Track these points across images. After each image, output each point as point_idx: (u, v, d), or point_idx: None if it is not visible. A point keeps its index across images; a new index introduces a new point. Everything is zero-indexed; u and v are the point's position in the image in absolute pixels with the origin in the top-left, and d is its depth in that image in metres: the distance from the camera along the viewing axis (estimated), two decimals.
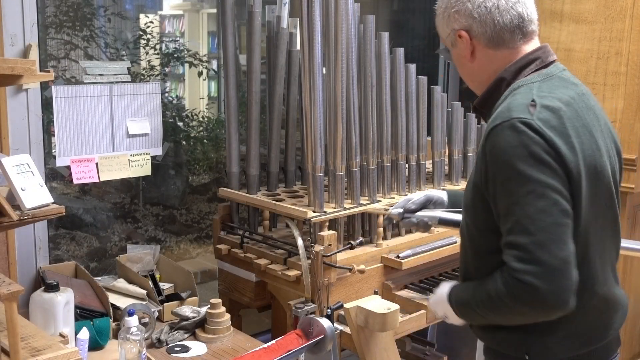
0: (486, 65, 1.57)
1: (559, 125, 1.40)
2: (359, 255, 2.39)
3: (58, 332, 1.96)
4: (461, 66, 1.63)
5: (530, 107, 1.41)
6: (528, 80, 1.51)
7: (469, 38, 1.55)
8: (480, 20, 1.52)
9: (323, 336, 1.84)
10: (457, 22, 1.55)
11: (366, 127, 2.47)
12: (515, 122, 1.38)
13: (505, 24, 1.51)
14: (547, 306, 1.36)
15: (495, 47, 1.54)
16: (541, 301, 1.35)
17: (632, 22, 2.80)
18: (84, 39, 3.04)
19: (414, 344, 2.82)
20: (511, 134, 1.38)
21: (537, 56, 1.54)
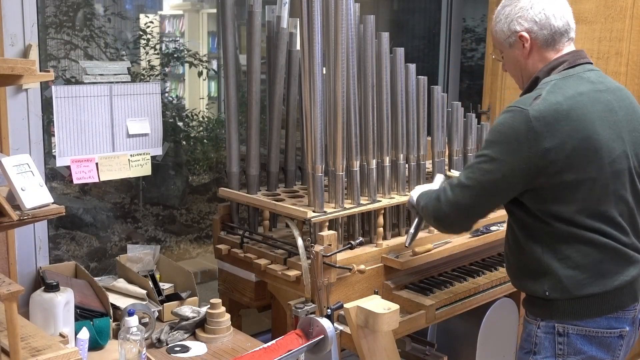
0: (537, 63, 1.90)
1: (551, 114, 1.73)
2: (359, 255, 2.39)
3: (58, 332, 1.96)
4: (516, 64, 1.95)
5: (534, 100, 1.75)
6: (550, 79, 1.83)
7: (529, 39, 1.88)
8: (540, 24, 1.86)
9: (323, 336, 1.84)
10: (520, 25, 1.88)
11: (366, 127, 2.47)
12: (513, 108, 1.77)
13: (558, 28, 1.87)
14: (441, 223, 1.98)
15: (547, 47, 1.89)
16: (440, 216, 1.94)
17: (632, 22, 2.80)
18: (84, 39, 3.04)
19: (414, 344, 2.82)
20: (507, 116, 1.78)
21: (565, 59, 1.87)
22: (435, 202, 1.93)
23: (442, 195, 1.91)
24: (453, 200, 1.87)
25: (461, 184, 1.85)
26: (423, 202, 2.04)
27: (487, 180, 1.80)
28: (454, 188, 1.87)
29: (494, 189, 1.81)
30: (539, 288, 1.85)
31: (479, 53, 4.21)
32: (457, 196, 1.86)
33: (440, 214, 1.92)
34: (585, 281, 1.79)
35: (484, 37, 3.91)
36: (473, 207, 1.87)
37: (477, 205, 1.87)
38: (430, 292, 2.46)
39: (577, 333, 1.82)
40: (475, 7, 4.20)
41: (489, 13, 3.60)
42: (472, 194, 1.84)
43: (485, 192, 1.83)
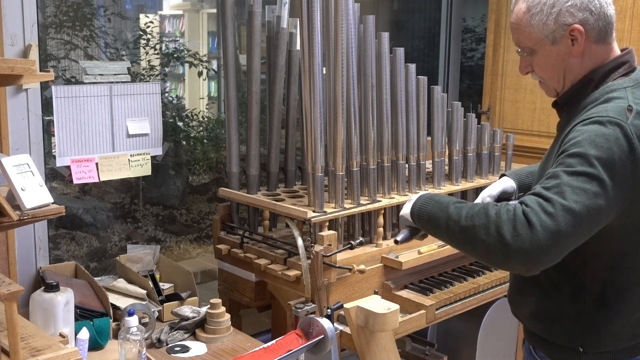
0: (587, 61, 1.57)
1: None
2: (359, 255, 2.39)
3: (58, 332, 1.95)
4: (559, 64, 1.58)
5: (627, 111, 1.44)
6: (620, 85, 1.53)
7: (584, 32, 1.52)
8: (596, 13, 1.52)
9: (323, 336, 1.84)
10: (572, 16, 1.52)
11: (366, 127, 2.47)
12: (610, 119, 1.42)
13: (611, 17, 1.54)
14: (522, 253, 1.35)
15: (599, 42, 1.55)
16: (524, 246, 1.35)
17: (632, 22, 2.80)
18: (84, 39, 3.04)
19: (414, 344, 2.82)
20: (601, 128, 1.42)
21: (626, 60, 1.58)
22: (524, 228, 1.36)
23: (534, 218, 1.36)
24: (555, 229, 1.34)
25: (568, 208, 1.35)
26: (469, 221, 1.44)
27: (594, 207, 1.37)
28: (557, 213, 1.35)
29: (600, 217, 1.40)
30: (570, 340, 1.59)
31: (479, 53, 4.21)
32: (560, 223, 1.34)
33: (528, 243, 1.35)
34: (628, 334, 1.58)
35: (484, 37, 3.91)
36: (576, 238, 1.40)
37: (580, 236, 1.41)
38: (430, 292, 2.46)
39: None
40: (475, 7, 4.20)
41: (489, 13, 3.60)
42: (581, 222, 1.36)
43: (592, 221, 1.39)
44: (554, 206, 1.36)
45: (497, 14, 3.54)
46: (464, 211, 1.46)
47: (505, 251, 1.37)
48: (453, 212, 1.48)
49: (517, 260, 1.37)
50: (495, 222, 1.39)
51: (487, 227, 1.39)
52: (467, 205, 1.49)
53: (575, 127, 1.47)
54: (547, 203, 1.37)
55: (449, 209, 1.50)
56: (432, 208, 1.55)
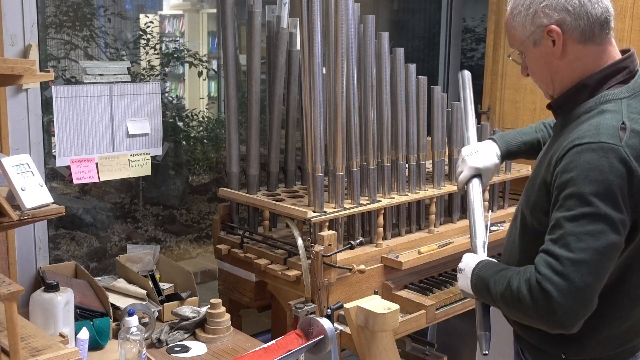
0: (574, 63, 1.51)
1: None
2: (359, 255, 2.39)
3: (58, 332, 1.95)
4: (544, 66, 1.55)
5: (621, 130, 1.39)
6: (615, 96, 1.47)
7: (562, 33, 1.48)
8: (574, 13, 1.46)
9: (323, 336, 1.84)
10: (547, 17, 1.48)
11: (366, 127, 2.47)
12: (603, 145, 1.37)
13: (597, 16, 1.47)
14: (552, 321, 1.39)
15: (585, 42, 1.48)
16: (550, 314, 1.37)
17: (632, 22, 2.79)
18: (84, 39, 3.04)
19: (414, 344, 2.82)
20: (595, 156, 1.37)
21: (625, 65, 1.50)
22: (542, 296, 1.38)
23: (548, 286, 1.37)
24: (569, 287, 1.35)
25: (571, 260, 1.35)
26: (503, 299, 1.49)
27: (604, 246, 1.36)
28: (563, 270, 1.36)
29: (612, 253, 1.38)
30: (554, 348, 1.58)
31: (479, 53, 4.21)
32: (572, 278, 1.35)
33: (551, 310, 1.37)
34: (611, 343, 1.56)
35: (484, 37, 3.91)
36: (595, 284, 1.38)
37: (600, 279, 1.39)
38: (430, 292, 2.46)
39: None
40: (475, 7, 4.20)
41: (489, 13, 3.60)
42: (590, 267, 1.35)
43: (604, 262, 1.37)
44: (563, 264, 1.36)
45: (497, 14, 3.54)
46: (497, 287, 1.50)
47: (543, 323, 1.42)
48: (492, 289, 1.52)
49: (556, 327, 1.41)
50: (519, 301, 1.42)
51: (519, 306, 1.44)
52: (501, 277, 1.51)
53: (569, 152, 1.42)
54: (556, 262, 1.37)
55: (489, 286, 1.54)
56: (480, 287, 1.58)
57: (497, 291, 1.50)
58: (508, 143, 1.91)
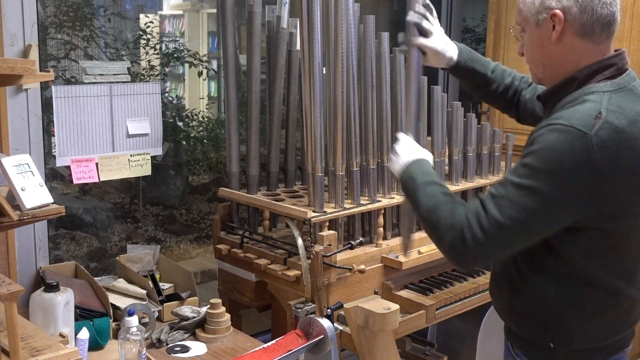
0: (567, 53, 1.55)
1: (615, 146, 1.41)
2: (359, 255, 2.39)
3: (58, 332, 1.96)
4: (538, 48, 1.59)
5: (595, 119, 1.42)
6: (600, 88, 1.50)
7: (564, 20, 1.52)
8: (581, 5, 1.50)
9: (323, 336, 1.84)
10: (557, 1, 1.52)
11: (366, 127, 2.47)
12: (573, 129, 1.41)
13: (602, 16, 1.51)
14: (455, 258, 1.54)
15: (583, 37, 1.52)
16: (457, 253, 1.51)
17: (632, 22, 2.80)
18: (84, 39, 3.04)
19: (414, 344, 2.82)
20: (562, 138, 1.41)
21: (614, 62, 1.54)
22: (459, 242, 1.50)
23: (468, 234, 1.48)
24: (483, 242, 1.46)
25: (498, 222, 1.44)
26: (426, 214, 1.58)
27: (532, 221, 1.44)
28: (486, 226, 1.45)
29: (537, 229, 1.47)
30: (541, 336, 1.60)
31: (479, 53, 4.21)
32: (489, 237, 1.45)
33: (461, 256, 1.51)
34: (598, 335, 1.58)
35: (484, 37, 3.91)
36: (505, 249, 1.51)
37: (512, 246, 1.51)
38: (430, 292, 2.46)
39: None
40: (475, 7, 4.20)
41: (489, 13, 3.60)
42: (511, 235, 1.46)
43: (526, 233, 1.47)
44: (489, 222, 1.45)
45: (497, 14, 3.54)
46: (424, 203, 1.59)
47: (447, 255, 1.56)
48: (420, 198, 1.60)
49: (454, 263, 1.58)
50: (441, 229, 1.53)
51: (435, 229, 1.55)
52: (431, 195, 1.59)
53: (543, 128, 1.47)
54: (484, 217, 1.46)
55: (418, 194, 1.61)
56: (408, 186, 1.66)
57: (424, 206, 1.58)
58: (470, 56, 1.96)
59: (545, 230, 1.48)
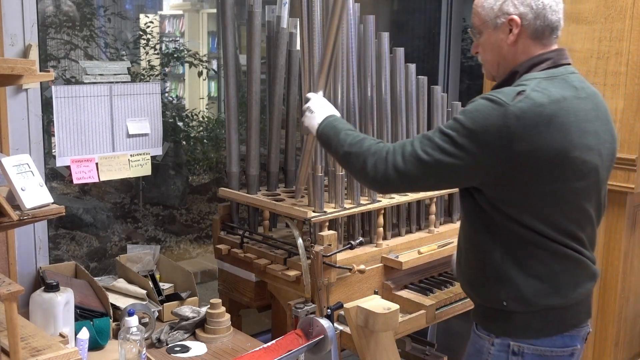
0: (519, 54, 1.72)
1: (532, 117, 1.57)
2: (359, 255, 2.39)
3: (58, 332, 1.95)
4: (495, 49, 1.75)
5: (518, 94, 1.59)
6: (533, 76, 1.66)
7: (520, 25, 1.69)
8: (536, 12, 1.68)
9: (323, 336, 1.84)
10: (514, 7, 1.69)
11: (366, 127, 2.47)
12: (494, 98, 1.60)
13: (551, 22, 1.70)
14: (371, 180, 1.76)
15: (535, 39, 1.71)
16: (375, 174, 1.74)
17: (632, 22, 2.79)
18: (84, 39, 3.04)
19: (414, 344, 2.82)
20: (486, 104, 1.61)
21: (549, 57, 1.71)
22: (382, 163, 1.72)
23: (389, 157, 1.71)
24: (403, 169, 1.68)
25: (417, 155, 1.66)
26: (349, 148, 1.81)
27: (446, 163, 1.63)
28: (407, 156, 1.68)
29: (450, 173, 1.65)
30: (496, 297, 1.70)
31: None
32: (408, 166, 1.68)
33: (384, 177, 1.72)
34: (546, 291, 1.67)
35: None
36: (421, 181, 1.72)
37: (427, 181, 1.72)
38: (430, 292, 2.46)
39: (532, 352, 1.69)
40: None
41: None
42: (426, 170, 1.66)
43: (440, 174, 1.67)
44: (412, 152, 1.68)
45: None
46: (349, 139, 1.83)
47: (365, 177, 1.77)
48: (342, 138, 1.85)
49: (370, 185, 1.83)
50: (365, 154, 1.76)
51: (358, 156, 1.78)
52: (354, 135, 1.85)
53: (480, 97, 1.66)
54: (410, 148, 1.69)
55: (340, 135, 1.86)
56: (329, 131, 1.90)
57: (349, 141, 1.82)
58: None
59: (456, 178, 1.67)
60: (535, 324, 1.69)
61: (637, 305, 3.13)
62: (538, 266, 1.66)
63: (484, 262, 1.72)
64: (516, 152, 1.57)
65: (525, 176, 1.60)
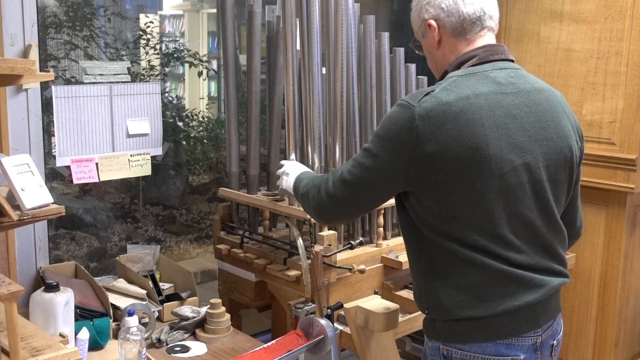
0: (447, 54, 1.71)
1: (437, 115, 1.54)
2: (359, 255, 2.39)
3: (58, 332, 1.96)
4: (430, 55, 1.78)
5: (425, 95, 1.58)
6: (453, 74, 1.65)
7: (437, 27, 1.69)
8: (447, 11, 1.67)
9: (323, 336, 1.84)
10: (427, 12, 1.70)
11: (366, 127, 2.47)
12: (402, 103, 1.60)
13: (468, 14, 1.66)
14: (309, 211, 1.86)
15: (457, 37, 1.69)
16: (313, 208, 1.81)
17: (632, 22, 2.79)
18: (84, 39, 3.04)
19: (414, 344, 2.82)
20: (395, 110, 1.61)
21: (475, 54, 1.67)
22: (317, 193, 1.79)
23: (322, 187, 1.77)
24: (332, 194, 1.73)
25: (342, 177, 1.70)
26: (303, 190, 1.90)
27: (367, 178, 1.65)
28: (335, 181, 1.72)
29: (373, 187, 1.67)
30: (421, 305, 1.72)
31: None
32: (337, 190, 1.71)
33: (319, 206, 1.78)
34: (464, 303, 1.61)
35: None
36: (352, 203, 1.73)
37: (357, 201, 1.73)
38: None
39: (461, 357, 1.63)
40: None
41: None
42: (352, 189, 1.69)
43: (363, 190, 1.68)
44: (339, 176, 1.71)
45: None
46: (308, 182, 1.89)
47: (309, 210, 1.86)
48: (304, 184, 1.91)
49: (313, 216, 1.87)
50: (311, 189, 1.83)
51: (308, 193, 1.85)
52: (313, 177, 1.93)
53: None
54: (337, 173, 1.73)
55: (302, 182, 1.93)
56: (297, 184, 1.97)
57: (305, 184, 1.90)
58: None
59: (380, 190, 1.67)
60: (458, 330, 1.64)
61: (637, 305, 3.13)
62: (457, 277, 1.62)
63: (414, 271, 1.73)
64: (427, 153, 1.54)
65: (441, 178, 1.56)
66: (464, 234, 1.58)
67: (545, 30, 3.06)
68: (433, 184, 1.57)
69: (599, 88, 2.91)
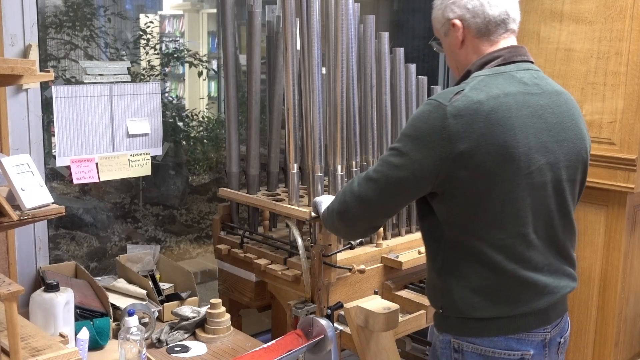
0: (470, 54, 1.73)
1: (470, 113, 1.55)
2: (359, 255, 2.39)
3: (58, 332, 1.96)
4: (451, 54, 1.79)
5: (456, 94, 1.59)
6: (479, 74, 1.66)
7: (462, 27, 1.71)
8: (473, 11, 1.69)
9: (323, 336, 1.84)
10: (453, 12, 1.72)
11: (366, 127, 2.47)
12: (432, 102, 1.61)
13: (493, 16, 1.69)
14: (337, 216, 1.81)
15: (481, 38, 1.71)
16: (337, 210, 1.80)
17: (632, 22, 2.79)
18: (84, 39, 3.04)
19: (414, 344, 2.82)
20: (424, 108, 1.62)
21: (500, 54, 1.70)
22: (341, 195, 1.78)
23: (347, 189, 1.76)
24: (357, 193, 1.71)
25: (368, 176, 1.69)
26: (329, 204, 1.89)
27: (394, 176, 1.63)
28: (360, 180, 1.72)
29: (400, 186, 1.65)
30: (435, 304, 1.74)
31: None
32: (362, 188, 1.70)
33: (343, 207, 1.76)
34: (479, 305, 1.64)
35: None
36: (376, 203, 1.70)
37: (382, 202, 1.70)
38: None
39: (472, 351, 1.66)
40: None
41: None
42: (378, 188, 1.67)
43: (390, 188, 1.66)
44: (365, 176, 1.71)
45: None
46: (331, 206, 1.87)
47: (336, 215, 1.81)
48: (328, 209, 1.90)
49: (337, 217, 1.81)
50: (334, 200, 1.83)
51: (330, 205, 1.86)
52: None
53: None
54: (363, 173, 1.73)
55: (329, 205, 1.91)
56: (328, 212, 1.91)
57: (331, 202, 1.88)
58: None
59: (408, 189, 1.65)
60: (472, 324, 1.67)
61: (637, 305, 3.13)
62: (474, 279, 1.63)
63: (430, 268, 1.74)
64: (458, 151, 1.55)
65: (471, 176, 1.57)
66: (490, 232, 1.60)
67: (545, 30, 3.06)
68: (463, 182, 1.57)
69: (599, 88, 2.91)
